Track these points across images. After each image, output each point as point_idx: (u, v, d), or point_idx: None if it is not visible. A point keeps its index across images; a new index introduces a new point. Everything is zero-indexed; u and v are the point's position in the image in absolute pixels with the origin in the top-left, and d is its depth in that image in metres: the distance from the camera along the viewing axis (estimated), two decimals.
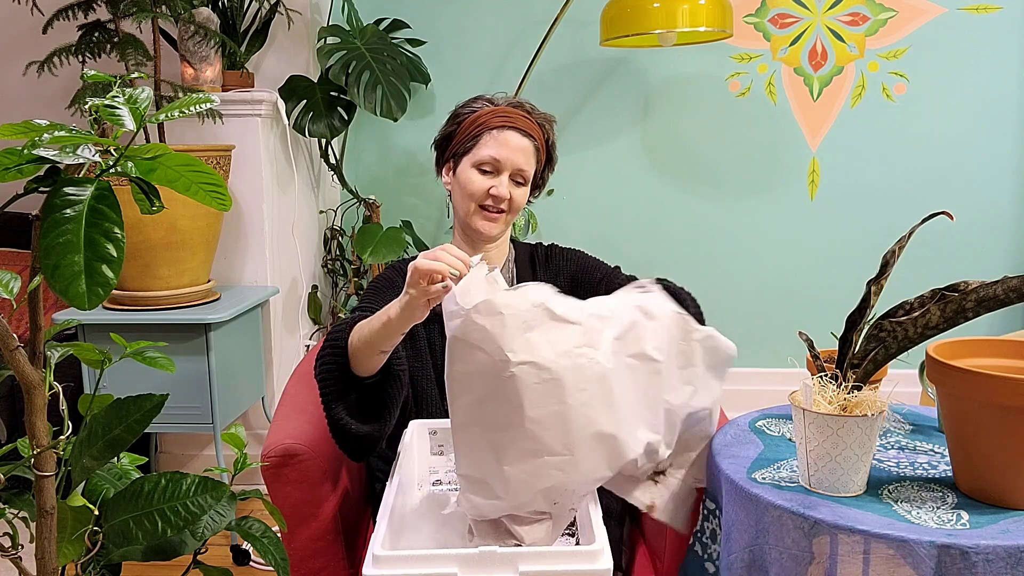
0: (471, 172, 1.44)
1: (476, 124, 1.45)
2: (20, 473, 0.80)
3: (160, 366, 0.93)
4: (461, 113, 1.49)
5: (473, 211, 1.45)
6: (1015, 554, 0.91)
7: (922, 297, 1.05)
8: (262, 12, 2.56)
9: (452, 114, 1.51)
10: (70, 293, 0.61)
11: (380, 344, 1.19)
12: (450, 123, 1.51)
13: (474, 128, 1.44)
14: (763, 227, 2.95)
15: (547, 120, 1.51)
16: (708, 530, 1.22)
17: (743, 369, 3.01)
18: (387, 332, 1.17)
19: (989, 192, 2.86)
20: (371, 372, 1.24)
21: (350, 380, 1.25)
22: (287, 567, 0.91)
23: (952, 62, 2.79)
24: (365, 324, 1.21)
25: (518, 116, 1.45)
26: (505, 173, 1.43)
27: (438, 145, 1.54)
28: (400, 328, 1.16)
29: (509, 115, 1.44)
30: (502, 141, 1.43)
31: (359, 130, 2.97)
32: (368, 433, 1.26)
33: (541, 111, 1.51)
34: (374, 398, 1.28)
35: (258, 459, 1.22)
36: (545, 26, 2.61)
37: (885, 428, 1.31)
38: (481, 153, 1.43)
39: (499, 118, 1.44)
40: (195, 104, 0.72)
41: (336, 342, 1.24)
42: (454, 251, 1.12)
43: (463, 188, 1.45)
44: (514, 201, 1.45)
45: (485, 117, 1.44)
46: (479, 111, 1.46)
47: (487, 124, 1.44)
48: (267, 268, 2.50)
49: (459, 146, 1.47)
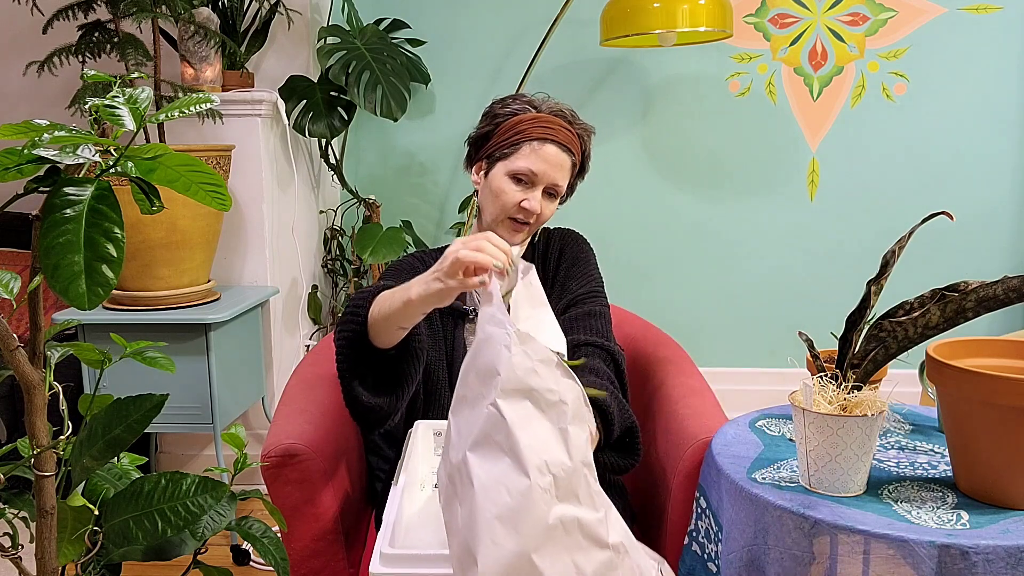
0: (505, 181, 1.39)
1: (516, 131, 1.39)
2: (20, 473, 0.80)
3: (160, 366, 0.93)
4: (500, 114, 1.43)
5: (501, 220, 1.41)
6: (1015, 554, 0.91)
7: (922, 297, 1.05)
8: (262, 12, 2.56)
9: (490, 112, 1.45)
10: (70, 293, 0.61)
11: (399, 321, 1.15)
12: (487, 122, 1.44)
13: (514, 135, 1.39)
14: (763, 227, 2.95)
15: (587, 132, 1.46)
16: (702, 529, 1.22)
17: (743, 369, 3.02)
18: (407, 312, 1.13)
19: (989, 192, 2.86)
20: (390, 345, 1.21)
21: (367, 350, 1.22)
22: (287, 567, 0.91)
23: (952, 62, 2.79)
24: (387, 297, 1.17)
25: (560, 128, 1.39)
26: (540, 187, 1.39)
27: (472, 142, 1.48)
28: (422, 310, 1.13)
29: (551, 126, 1.38)
30: (542, 155, 1.38)
31: (359, 130, 2.97)
32: (379, 406, 1.23)
33: (582, 121, 1.45)
34: (390, 371, 1.25)
35: (258, 459, 1.22)
36: (545, 26, 2.61)
37: (885, 428, 1.31)
38: (518, 163, 1.38)
39: (541, 128, 1.38)
40: (195, 104, 0.72)
41: (357, 311, 1.21)
42: (496, 240, 1.06)
43: (495, 194, 1.40)
44: (542, 215, 1.41)
45: (527, 125, 1.38)
46: (520, 116, 1.40)
47: (528, 133, 1.38)
48: (267, 268, 2.50)
49: (495, 149, 1.41)
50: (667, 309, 2.95)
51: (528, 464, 0.81)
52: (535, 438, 0.83)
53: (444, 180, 3.02)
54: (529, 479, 0.81)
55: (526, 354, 0.86)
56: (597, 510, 0.85)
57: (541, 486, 0.81)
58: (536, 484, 0.81)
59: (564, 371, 0.88)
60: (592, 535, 0.83)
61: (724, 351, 3.02)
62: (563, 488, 0.83)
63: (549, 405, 0.85)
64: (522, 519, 0.81)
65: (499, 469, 0.83)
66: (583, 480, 0.85)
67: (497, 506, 0.82)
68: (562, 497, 0.82)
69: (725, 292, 3.00)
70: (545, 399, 0.85)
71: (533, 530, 0.80)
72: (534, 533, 0.80)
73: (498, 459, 0.84)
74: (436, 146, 2.99)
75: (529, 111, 1.41)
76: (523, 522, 0.80)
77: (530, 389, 0.85)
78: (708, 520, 1.21)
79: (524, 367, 0.85)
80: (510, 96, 1.46)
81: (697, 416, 1.38)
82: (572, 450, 0.84)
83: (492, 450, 0.84)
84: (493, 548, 0.81)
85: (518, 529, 0.80)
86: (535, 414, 0.84)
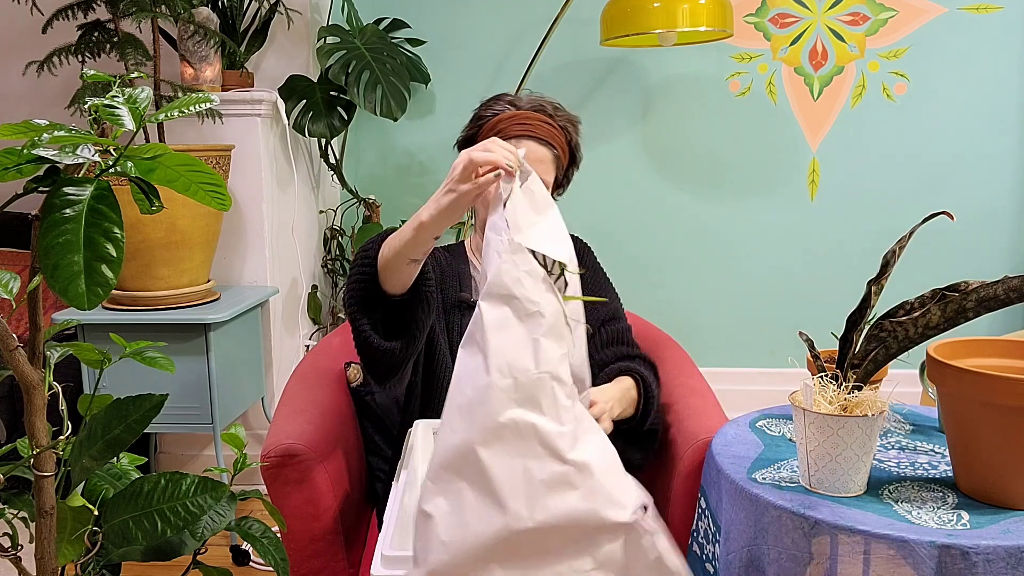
0: None
1: (495, 131, 1.41)
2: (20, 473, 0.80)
3: (160, 366, 0.93)
4: (482, 116, 1.45)
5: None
6: (1015, 554, 0.91)
7: (922, 297, 1.05)
8: (262, 12, 2.56)
9: (474, 115, 1.47)
10: (70, 293, 0.61)
11: (411, 252, 1.15)
12: (471, 125, 1.47)
13: (494, 135, 1.40)
14: (763, 227, 2.95)
15: (570, 122, 1.47)
16: (702, 529, 1.22)
17: (743, 369, 3.02)
18: (419, 238, 1.13)
19: (989, 192, 2.86)
20: (402, 288, 1.21)
21: (378, 295, 1.22)
22: (287, 567, 0.91)
23: (952, 62, 2.79)
24: (395, 235, 1.18)
25: (538, 123, 1.41)
26: None
27: (460, 145, 1.50)
28: (434, 231, 1.13)
29: (529, 122, 1.40)
30: None
31: (359, 130, 2.97)
32: (391, 350, 1.23)
33: (565, 111, 1.47)
34: (401, 317, 1.25)
35: (258, 459, 1.22)
36: (545, 26, 2.61)
37: (885, 428, 1.31)
38: None
39: (518, 126, 1.40)
40: (195, 104, 0.72)
41: (366, 254, 1.22)
42: (503, 144, 1.09)
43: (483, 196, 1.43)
44: None
45: (505, 124, 1.40)
46: (500, 115, 1.42)
47: (506, 132, 1.40)
48: (267, 268, 2.50)
49: None
50: (667, 309, 2.95)
51: (491, 364, 0.85)
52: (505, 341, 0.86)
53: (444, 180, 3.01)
54: (489, 377, 0.84)
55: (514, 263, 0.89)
56: (562, 424, 0.86)
57: (500, 386, 0.84)
58: (495, 383, 0.84)
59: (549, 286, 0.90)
60: (549, 445, 0.84)
61: (724, 351, 3.02)
62: (523, 393, 0.85)
63: (527, 315, 0.87)
64: (476, 413, 0.84)
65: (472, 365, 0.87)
66: (548, 391, 0.86)
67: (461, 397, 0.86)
68: (520, 402, 0.84)
69: (725, 292, 3.00)
70: (524, 308, 0.87)
71: (483, 424, 0.83)
72: (483, 427, 0.83)
73: (474, 355, 0.88)
74: (436, 146, 2.99)
75: (509, 109, 1.43)
76: (476, 416, 0.84)
77: (511, 296, 0.88)
78: (707, 520, 1.21)
79: (510, 275, 0.88)
80: (494, 97, 1.48)
81: (697, 416, 1.38)
82: (540, 360, 0.86)
83: (472, 347, 0.89)
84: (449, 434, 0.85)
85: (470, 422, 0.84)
86: (512, 320, 0.87)
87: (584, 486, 0.84)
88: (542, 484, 0.83)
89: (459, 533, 0.82)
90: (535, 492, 0.82)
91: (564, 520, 0.82)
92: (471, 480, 0.83)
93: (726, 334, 3.02)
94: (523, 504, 0.82)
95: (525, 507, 0.82)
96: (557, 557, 0.83)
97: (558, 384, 0.87)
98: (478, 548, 0.81)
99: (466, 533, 0.82)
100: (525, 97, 1.46)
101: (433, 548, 0.82)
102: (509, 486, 0.82)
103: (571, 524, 0.83)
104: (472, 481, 0.83)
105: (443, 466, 0.85)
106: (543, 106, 1.44)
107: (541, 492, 0.83)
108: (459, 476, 0.84)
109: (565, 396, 0.87)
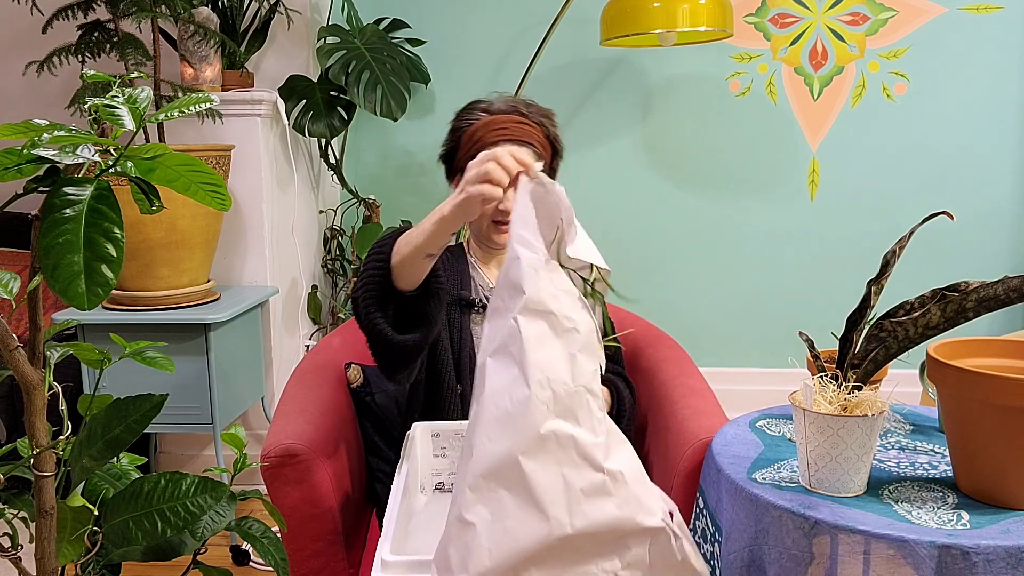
0: None
1: (472, 141, 1.43)
2: (20, 473, 0.80)
3: (160, 366, 0.93)
4: (459, 127, 1.48)
5: (487, 226, 1.47)
6: (1015, 554, 0.91)
7: (922, 297, 1.05)
8: (262, 12, 2.56)
9: (451, 127, 1.50)
10: (70, 293, 0.61)
11: (429, 246, 1.18)
12: (450, 138, 1.50)
13: (472, 145, 1.43)
14: (763, 227, 2.95)
15: (544, 115, 1.49)
16: (699, 529, 1.22)
17: (743, 369, 3.02)
18: (439, 230, 1.16)
19: (989, 192, 2.86)
20: (413, 284, 1.23)
21: (390, 292, 1.25)
22: (287, 567, 0.91)
23: (952, 62, 2.79)
24: (413, 231, 1.21)
25: (512, 124, 1.43)
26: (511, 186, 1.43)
27: (443, 160, 1.54)
28: (453, 226, 1.16)
29: (504, 126, 1.43)
30: None
31: (359, 130, 2.97)
32: (403, 343, 1.25)
33: (538, 106, 1.49)
34: (413, 312, 1.27)
35: (258, 459, 1.22)
36: (545, 26, 2.61)
37: (885, 428, 1.31)
38: None
39: (494, 132, 1.42)
40: (195, 104, 0.72)
41: (381, 250, 1.24)
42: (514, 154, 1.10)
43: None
44: None
45: (480, 133, 1.43)
46: (475, 124, 1.45)
47: (483, 140, 1.42)
48: (267, 268, 2.50)
49: (462, 162, 1.46)
50: (667, 309, 2.95)
51: (531, 377, 0.87)
52: (544, 356, 0.89)
53: (444, 180, 3.00)
54: (529, 390, 0.86)
55: (551, 281, 0.92)
56: (596, 435, 0.88)
57: (540, 398, 0.86)
58: (535, 395, 0.86)
59: (583, 305, 0.94)
60: (586, 455, 0.87)
61: (724, 351, 3.02)
62: (562, 405, 0.87)
63: (564, 331, 0.90)
64: (517, 424, 0.86)
65: (508, 377, 0.89)
66: (584, 404, 0.89)
67: (498, 409, 0.88)
68: (559, 413, 0.87)
69: (725, 292, 3.00)
70: (561, 324, 0.90)
71: (525, 435, 0.85)
72: (525, 438, 0.85)
73: (509, 368, 0.90)
74: (436, 146, 2.93)
75: (483, 117, 1.45)
76: (517, 427, 0.86)
77: (549, 312, 0.91)
78: (705, 520, 1.21)
79: (548, 291, 0.91)
80: (467, 106, 1.50)
81: (697, 416, 1.38)
82: (577, 374, 0.89)
83: (506, 359, 0.91)
84: (487, 444, 0.87)
85: (511, 433, 0.86)
86: (549, 335, 0.90)
87: (619, 494, 0.87)
88: (581, 492, 0.86)
89: (502, 539, 0.84)
90: (574, 500, 0.85)
91: (601, 527, 0.85)
92: (512, 489, 0.85)
93: (726, 334, 3.02)
94: (564, 511, 0.84)
95: (566, 514, 0.84)
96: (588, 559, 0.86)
97: (592, 397, 0.90)
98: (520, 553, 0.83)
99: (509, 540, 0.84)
100: (496, 100, 1.48)
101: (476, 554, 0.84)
102: (550, 494, 0.85)
103: (607, 530, 0.85)
104: (514, 490, 0.85)
105: (483, 475, 0.87)
106: (515, 106, 1.47)
107: (580, 500, 0.85)
108: (500, 485, 0.86)
109: (598, 408, 0.90)
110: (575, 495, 0.85)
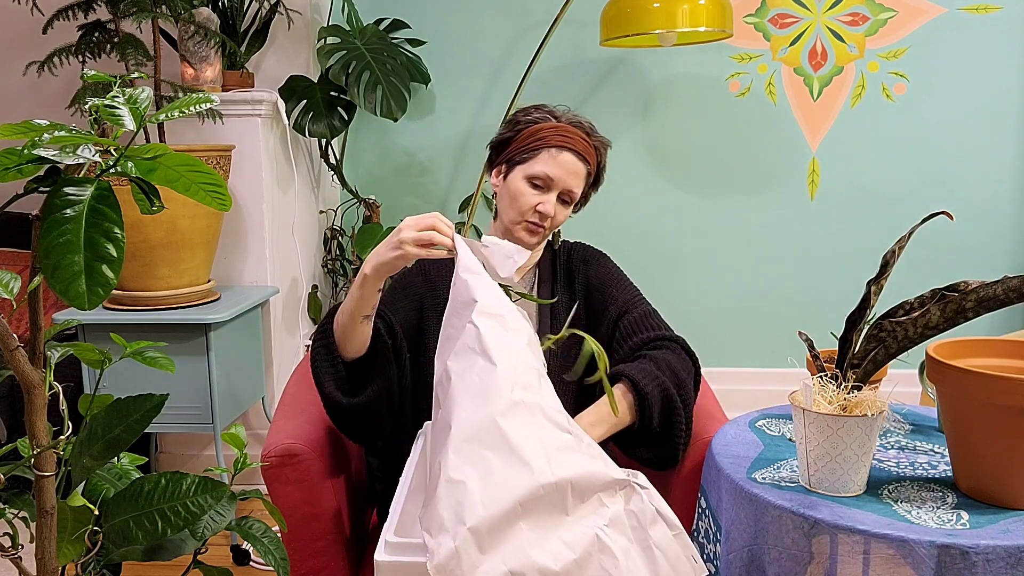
0: (522, 184, 1.44)
1: (536, 137, 1.45)
2: (20, 473, 0.80)
3: (160, 366, 0.93)
4: (522, 121, 1.49)
5: (518, 222, 1.47)
6: (1015, 554, 0.91)
7: (922, 297, 1.05)
8: (262, 12, 2.56)
9: (512, 119, 1.51)
10: (70, 293, 0.61)
11: (361, 309, 1.25)
12: (509, 128, 1.51)
13: (533, 141, 1.45)
14: (763, 227, 2.95)
15: (603, 144, 1.52)
16: (703, 529, 1.22)
17: (743, 369, 3.02)
18: (365, 291, 1.23)
19: (989, 192, 2.86)
20: (361, 349, 1.30)
21: (338, 359, 1.31)
22: (287, 567, 0.91)
23: (952, 62, 2.79)
24: (343, 303, 1.29)
25: (578, 138, 1.45)
26: (555, 192, 1.44)
27: (494, 147, 1.54)
28: (377, 284, 1.23)
29: (570, 136, 1.45)
30: (559, 161, 1.43)
31: (359, 130, 2.97)
32: (356, 404, 1.31)
33: (599, 134, 1.52)
34: (362, 373, 1.33)
35: (258, 459, 1.22)
36: (545, 26, 2.61)
37: (885, 428, 1.31)
38: (536, 168, 1.44)
39: (560, 137, 1.44)
40: (195, 104, 0.72)
41: (324, 327, 1.32)
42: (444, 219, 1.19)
43: (512, 197, 1.46)
44: (556, 219, 1.47)
45: (547, 132, 1.45)
46: (541, 124, 1.46)
47: (547, 140, 1.44)
48: (267, 268, 2.50)
49: (515, 154, 1.47)
50: (667, 309, 2.92)
51: (494, 356, 0.99)
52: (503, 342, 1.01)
53: (444, 180, 3.02)
54: (496, 365, 0.98)
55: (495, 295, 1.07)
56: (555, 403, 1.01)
57: (506, 372, 0.98)
58: (501, 371, 0.98)
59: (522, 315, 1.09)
60: (552, 419, 0.98)
61: (724, 351, 3.02)
62: (524, 379, 1.00)
63: (512, 329, 1.05)
64: (490, 394, 0.97)
65: (471, 362, 1.01)
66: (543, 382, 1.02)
67: (469, 386, 0.99)
68: (524, 387, 0.99)
69: (725, 292, 3.00)
70: (510, 324, 1.05)
71: (499, 401, 0.96)
72: (500, 403, 0.96)
73: (472, 358, 1.01)
74: (436, 146, 2.99)
75: (550, 120, 1.47)
76: (490, 396, 0.97)
77: (501, 316, 1.05)
78: (708, 520, 1.21)
79: (498, 300, 1.06)
80: (533, 106, 1.52)
81: (697, 416, 1.38)
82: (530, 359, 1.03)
83: (467, 354, 1.02)
84: (465, 415, 0.96)
85: (485, 401, 0.96)
86: (502, 332, 1.03)
87: (585, 452, 0.98)
88: (554, 447, 0.95)
89: (492, 491, 0.91)
90: (550, 452, 0.94)
91: (578, 476, 0.93)
92: (495, 448, 0.93)
93: (726, 334, 3.02)
94: (544, 462, 0.93)
95: (546, 464, 0.92)
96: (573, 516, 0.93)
97: (545, 380, 1.03)
98: (512, 503, 0.90)
99: (498, 490, 0.91)
100: (562, 111, 1.50)
101: (469, 507, 0.90)
102: (530, 448, 0.93)
103: (582, 479, 0.93)
104: (496, 449, 0.93)
105: (465, 440, 0.95)
106: (581, 123, 1.49)
107: (555, 452, 0.94)
108: (482, 446, 0.94)
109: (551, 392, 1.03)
110: (550, 449, 0.94)
